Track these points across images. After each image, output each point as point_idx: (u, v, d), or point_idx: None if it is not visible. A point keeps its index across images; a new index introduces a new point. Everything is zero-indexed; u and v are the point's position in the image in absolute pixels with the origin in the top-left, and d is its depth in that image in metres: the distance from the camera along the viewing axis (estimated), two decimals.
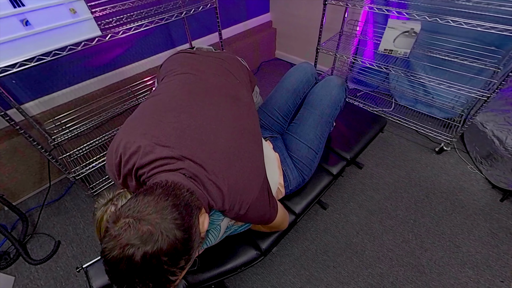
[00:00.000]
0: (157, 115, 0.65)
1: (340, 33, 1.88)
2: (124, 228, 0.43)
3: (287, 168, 0.92)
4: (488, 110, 1.50)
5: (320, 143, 0.96)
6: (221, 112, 0.69)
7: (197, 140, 0.61)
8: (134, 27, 1.10)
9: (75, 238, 1.32)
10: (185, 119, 0.64)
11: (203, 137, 0.62)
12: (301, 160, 0.93)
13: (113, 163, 0.63)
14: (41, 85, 1.35)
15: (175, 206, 0.47)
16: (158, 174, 0.57)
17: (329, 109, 0.95)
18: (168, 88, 0.75)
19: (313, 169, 0.97)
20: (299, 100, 1.01)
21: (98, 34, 0.99)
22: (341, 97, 0.96)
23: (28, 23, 0.83)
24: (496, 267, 1.13)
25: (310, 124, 0.94)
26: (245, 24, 2.24)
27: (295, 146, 0.94)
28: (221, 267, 0.84)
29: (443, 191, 1.43)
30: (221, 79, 0.79)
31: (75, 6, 0.89)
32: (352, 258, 1.19)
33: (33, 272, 1.20)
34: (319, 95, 0.96)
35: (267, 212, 0.71)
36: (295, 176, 0.93)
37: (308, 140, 0.93)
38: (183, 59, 0.89)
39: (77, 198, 1.49)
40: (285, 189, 0.94)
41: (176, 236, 0.45)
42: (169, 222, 0.45)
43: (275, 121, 1.02)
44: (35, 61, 0.88)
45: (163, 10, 1.38)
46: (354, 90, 2.08)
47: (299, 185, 0.98)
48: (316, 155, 0.95)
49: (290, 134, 0.98)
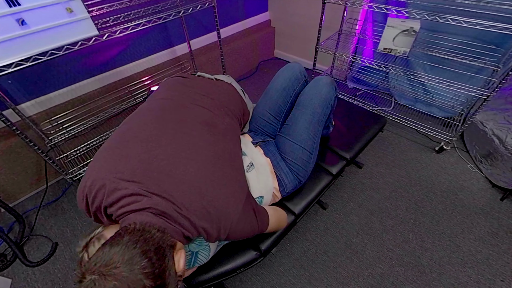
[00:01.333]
0: (124, 146, 0.63)
1: (339, 32, 1.87)
2: (89, 287, 0.42)
3: (281, 172, 0.91)
4: (488, 109, 1.50)
5: (314, 143, 0.94)
6: (193, 140, 0.67)
7: (165, 172, 0.59)
8: (132, 26, 1.08)
9: (73, 240, 1.30)
10: (153, 148, 0.62)
11: (171, 168, 0.60)
12: (295, 162, 0.92)
13: (81, 202, 0.62)
14: (37, 85, 1.33)
15: (144, 253, 0.46)
16: (126, 215, 0.56)
17: (320, 108, 0.93)
18: (141, 115, 0.74)
19: (309, 171, 0.95)
20: (289, 99, 0.99)
21: (95, 34, 0.98)
22: (331, 95, 0.95)
23: (24, 23, 0.82)
24: (496, 266, 1.13)
25: (302, 124, 0.92)
26: (243, 23, 2.23)
27: (289, 147, 0.93)
28: (220, 268, 0.83)
29: (443, 190, 1.42)
30: (200, 106, 0.78)
31: (71, 5, 0.88)
32: (352, 258, 1.18)
33: (30, 274, 1.19)
34: (309, 95, 0.95)
35: (254, 229, 0.71)
36: (291, 179, 0.92)
37: (301, 141, 0.92)
38: (173, 83, 0.89)
39: (74, 200, 1.48)
40: (281, 193, 0.93)
41: (146, 287, 0.44)
42: (137, 273, 0.44)
43: (267, 122, 1.01)
44: (31, 61, 0.87)
45: (160, 9, 1.37)
46: (353, 89, 2.07)
47: (296, 187, 0.96)
48: (311, 155, 0.93)
49: (282, 136, 0.96)
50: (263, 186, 0.86)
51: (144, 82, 1.68)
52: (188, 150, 0.64)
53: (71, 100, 1.46)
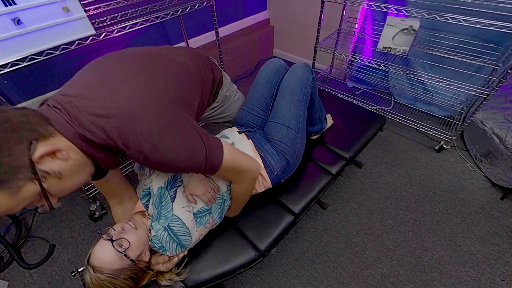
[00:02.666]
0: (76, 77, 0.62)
1: (338, 30, 1.87)
2: None
3: (266, 153, 0.90)
4: (487, 108, 1.49)
5: (299, 123, 0.95)
6: (130, 64, 0.62)
7: (87, 82, 0.57)
8: (129, 25, 1.08)
9: (70, 241, 1.29)
10: (95, 73, 0.60)
11: (96, 79, 0.58)
12: (281, 141, 0.92)
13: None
14: (34, 85, 1.32)
15: None
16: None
17: (297, 88, 0.96)
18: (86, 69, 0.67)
19: (296, 150, 0.95)
20: (273, 90, 1.03)
21: (92, 33, 0.97)
22: (307, 76, 0.98)
23: (20, 22, 0.81)
24: (496, 265, 1.13)
25: (284, 105, 0.95)
26: (242, 22, 2.22)
27: (274, 128, 0.95)
28: (219, 269, 0.82)
29: (443, 189, 1.42)
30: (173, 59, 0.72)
31: (68, 4, 0.88)
32: (352, 258, 1.18)
33: (27, 276, 1.18)
34: (287, 79, 0.99)
35: (198, 156, 0.59)
36: (277, 159, 0.91)
37: (284, 120, 0.94)
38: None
39: (72, 201, 1.47)
40: (270, 176, 0.90)
41: None
42: None
43: (256, 115, 1.03)
44: (28, 61, 0.86)
45: (158, 8, 1.36)
46: (353, 89, 2.07)
47: (285, 170, 0.94)
48: (297, 135, 0.94)
49: (269, 122, 0.99)
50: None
51: None
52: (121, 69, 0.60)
53: None
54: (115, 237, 0.67)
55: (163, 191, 0.75)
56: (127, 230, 0.70)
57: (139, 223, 0.75)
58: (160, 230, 0.72)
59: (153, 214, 0.75)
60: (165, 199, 0.74)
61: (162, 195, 0.75)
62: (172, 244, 0.73)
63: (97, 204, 1.34)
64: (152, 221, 0.74)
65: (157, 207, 0.74)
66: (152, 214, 0.75)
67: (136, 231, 0.71)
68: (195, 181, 0.79)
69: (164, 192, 0.75)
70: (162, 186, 0.76)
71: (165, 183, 0.77)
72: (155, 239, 0.72)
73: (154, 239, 0.72)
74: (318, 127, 1.17)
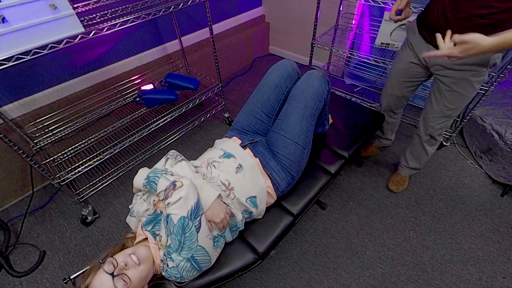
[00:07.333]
0: None
1: (335, 26, 1.84)
2: None
3: (272, 171, 0.90)
4: (486, 104, 1.48)
5: (307, 138, 0.92)
6: None
7: None
8: (120, 23, 1.03)
9: (62, 248, 1.25)
10: None
11: None
12: (288, 157, 0.90)
13: None
14: (20, 86, 1.27)
15: None
16: None
17: (312, 101, 0.92)
18: None
19: (302, 166, 0.94)
20: (282, 96, 0.98)
21: (81, 31, 0.93)
22: (324, 88, 0.94)
23: (4, 20, 0.77)
24: (498, 263, 1.12)
25: (295, 119, 0.90)
26: (236, 18, 2.17)
27: (282, 143, 0.91)
28: (217, 272, 0.79)
29: (443, 187, 1.40)
30: None
31: (55, 1, 0.84)
32: (352, 259, 1.16)
33: (17, 285, 1.14)
34: (301, 88, 0.93)
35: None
36: (283, 177, 0.91)
37: (294, 135, 0.90)
38: None
39: (62, 205, 1.42)
40: (276, 192, 0.92)
41: None
42: None
43: (259, 119, 0.99)
44: (14, 61, 0.82)
45: (150, 5, 1.31)
46: (351, 86, 2.05)
47: (290, 184, 0.95)
48: (304, 150, 0.92)
49: (275, 132, 0.94)
50: (254, 186, 0.85)
51: (134, 81, 1.62)
52: None
53: (57, 101, 1.40)
54: (116, 272, 0.63)
55: (186, 221, 0.68)
56: (130, 267, 0.66)
57: (144, 257, 0.69)
58: (182, 261, 0.67)
59: (172, 245, 0.68)
60: (189, 230, 0.68)
61: (186, 225, 0.68)
62: (193, 272, 0.70)
63: (89, 208, 1.30)
64: (171, 253, 0.68)
65: (179, 239, 0.67)
66: (169, 245, 0.69)
67: (138, 267, 0.67)
68: (216, 207, 0.76)
69: (188, 222, 0.68)
70: (185, 216, 0.68)
71: (188, 213, 0.69)
72: (174, 270, 0.68)
73: (173, 270, 0.68)
74: (320, 130, 1.16)
